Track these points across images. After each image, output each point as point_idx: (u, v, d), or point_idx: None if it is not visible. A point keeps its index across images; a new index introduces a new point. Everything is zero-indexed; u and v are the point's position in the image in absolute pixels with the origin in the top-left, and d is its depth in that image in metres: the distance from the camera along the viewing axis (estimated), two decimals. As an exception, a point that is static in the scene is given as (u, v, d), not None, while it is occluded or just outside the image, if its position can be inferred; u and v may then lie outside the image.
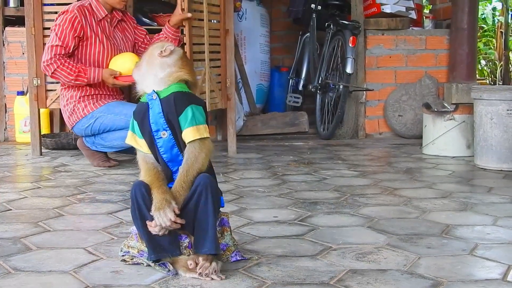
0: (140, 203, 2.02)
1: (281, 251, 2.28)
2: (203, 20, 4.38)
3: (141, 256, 2.12)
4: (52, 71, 3.98)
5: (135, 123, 2.11)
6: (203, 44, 4.41)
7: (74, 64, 3.99)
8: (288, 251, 2.28)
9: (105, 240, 2.44)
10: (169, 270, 2.02)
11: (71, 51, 4.01)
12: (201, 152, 2.04)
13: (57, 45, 3.97)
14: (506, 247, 2.36)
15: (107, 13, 4.10)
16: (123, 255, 2.17)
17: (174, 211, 1.97)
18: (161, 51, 2.09)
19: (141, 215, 2.02)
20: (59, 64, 3.96)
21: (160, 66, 2.09)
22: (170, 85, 2.08)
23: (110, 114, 3.99)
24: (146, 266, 2.08)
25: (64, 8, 4.07)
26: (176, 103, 2.04)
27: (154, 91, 2.07)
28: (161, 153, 2.07)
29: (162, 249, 2.03)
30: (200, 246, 2.00)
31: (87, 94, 4.06)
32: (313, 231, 2.56)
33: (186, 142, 2.03)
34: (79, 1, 4.12)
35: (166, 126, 2.05)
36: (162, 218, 1.97)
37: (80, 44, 4.04)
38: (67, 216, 2.84)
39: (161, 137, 2.06)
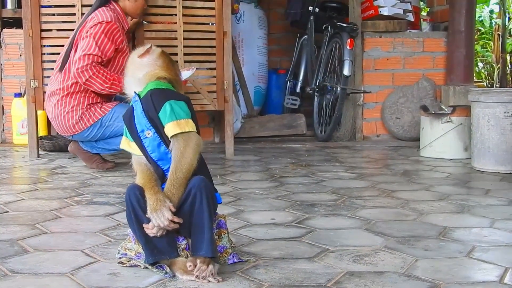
0: (135, 206, 2.02)
1: (279, 253, 2.28)
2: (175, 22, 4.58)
3: (138, 258, 2.11)
4: (87, 78, 3.86)
5: (125, 127, 2.12)
6: (175, 46, 4.56)
7: (109, 72, 3.91)
8: (286, 253, 2.28)
9: (102, 242, 2.43)
10: (166, 273, 2.02)
11: (105, 61, 3.94)
12: (187, 146, 2.00)
13: (95, 55, 3.87)
14: (503, 249, 2.36)
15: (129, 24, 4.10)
16: (120, 257, 2.16)
17: (170, 210, 1.98)
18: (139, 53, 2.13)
19: (137, 218, 2.02)
20: (94, 71, 3.86)
21: (138, 67, 2.13)
22: (148, 84, 2.10)
23: (122, 121, 3.92)
24: (143, 268, 2.08)
25: (102, 16, 3.96)
26: (153, 100, 2.04)
27: (135, 92, 2.09)
28: (149, 152, 2.06)
29: (159, 251, 2.03)
30: (197, 248, 2.00)
31: (94, 102, 3.99)
32: (310, 233, 2.56)
33: (169, 137, 2.02)
34: (106, 8, 4.03)
35: (149, 125, 2.05)
36: (159, 218, 1.97)
37: (114, 55, 3.99)
38: (64, 218, 2.84)
39: (146, 137, 2.06)
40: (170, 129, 2.01)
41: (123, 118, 2.14)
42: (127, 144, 2.13)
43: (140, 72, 2.12)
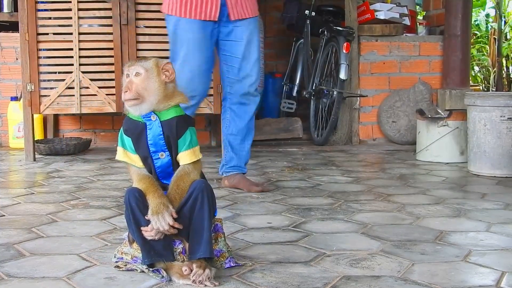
0: (134, 207, 2.02)
1: (275, 257, 2.28)
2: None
3: (134, 262, 2.11)
4: None
5: (128, 139, 2.09)
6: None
7: None
8: (282, 257, 2.28)
9: (98, 246, 2.43)
10: (162, 277, 2.01)
11: None
12: (194, 170, 2.08)
13: None
14: (500, 253, 2.36)
15: None
16: (116, 261, 2.16)
17: (172, 215, 1.98)
18: (166, 75, 2.07)
19: (135, 219, 2.02)
20: None
21: (163, 89, 2.07)
22: (170, 108, 2.08)
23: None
24: (140, 272, 2.08)
25: None
26: (177, 127, 2.07)
27: (153, 112, 2.06)
28: (158, 172, 2.09)
29: (156, 253, 2.03)
30: (194, 251, 2.01)
31: None
32: (307, 237, 2.56)
33: (181, 163, 2.07)
34: None
35: (165, 147, 2.07)
36: (160, 222, 1.97)
37: None
38: (60, 222, 2.83)
39: (159, 158, 2.08)
40: (186, 157, 2.07)
41: (127, 132, 2.09)
42: (125, 155, 2.10)
43: (163, 94, 2.06)
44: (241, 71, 3.51)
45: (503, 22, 8.30)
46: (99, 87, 4.60)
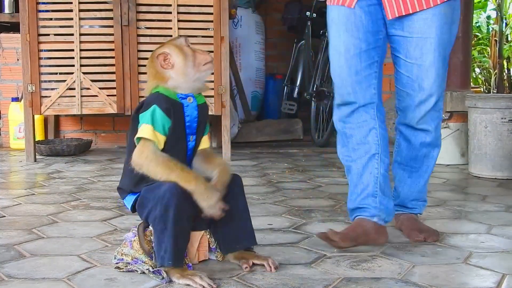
0: (178, 206, 1.96)
1: (276, 258, 2.28)
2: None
3: (135, 263, 2.11)
4: None
5: (166, 119, 2.02)
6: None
7: None
8: (283, 259, 2.28)
9: (99, 247, 2.43)
10: (163, 278, 2.01)
11: None
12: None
13: None
14: (501, 255, 2.36)
15: None
16: (117, 263, 2.16)
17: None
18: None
19: (178, 218, 1.97)
20: None
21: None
22: (201, 95, 2.16)
23: None
24: (140, 273, 2.08)
25: None
26: (207, 112, 2.18)
27: (192, 95, 2.10)
28: (188, 155, 2.13)
29: (181, 256, 2.04)
30: (240, 239, 2.19)
31: None
32: (307, 239, 2.56)
33: (202, 147, 2.17)
34: None
35: (195, 131, 2.12)
36: (214, 209, 2.01)
37: None
38: (61, 223, 2.83)
39: (189, 141, 2.11)
40: (207, 141, 2.21)
41: (168, 111, 2.02)
42: (154, 134, 2.01)
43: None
44: (409, 79, 2.61)
45: (504, 24, 8.30)
46: (100, 88, 4.60)
